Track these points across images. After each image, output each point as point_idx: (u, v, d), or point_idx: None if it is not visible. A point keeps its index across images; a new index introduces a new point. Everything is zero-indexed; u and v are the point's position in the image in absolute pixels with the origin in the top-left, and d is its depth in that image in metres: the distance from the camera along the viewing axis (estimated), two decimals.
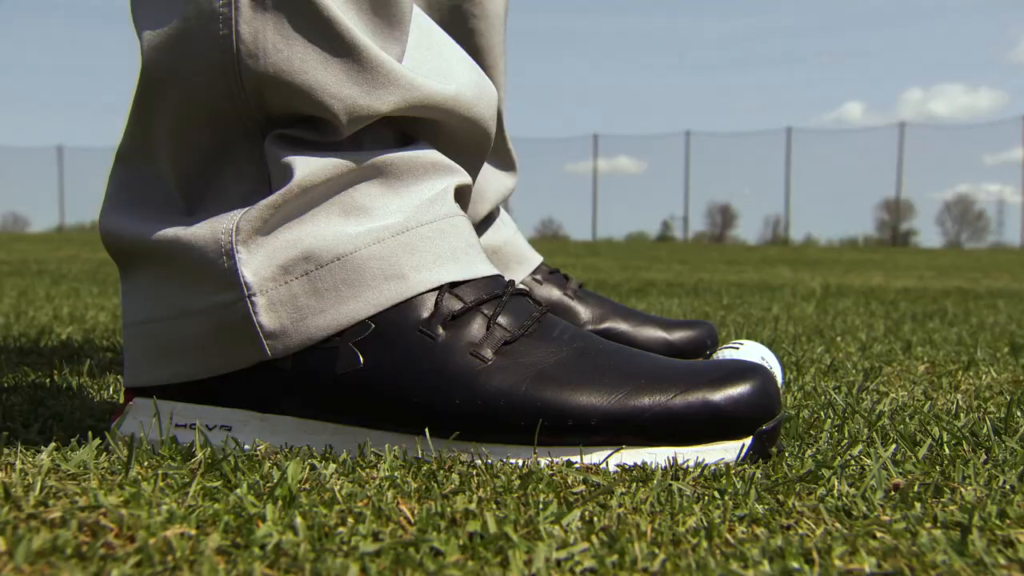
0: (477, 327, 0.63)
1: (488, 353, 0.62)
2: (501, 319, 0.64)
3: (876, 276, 4.75)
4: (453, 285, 0.64)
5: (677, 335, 1.16)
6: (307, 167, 0.61)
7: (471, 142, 0.72)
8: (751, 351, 0.94)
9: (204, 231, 0.62)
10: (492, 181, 1.20)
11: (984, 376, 1.10)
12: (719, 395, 0.60)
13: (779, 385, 0.61)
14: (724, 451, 0.60)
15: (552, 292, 1.18)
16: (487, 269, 0.67)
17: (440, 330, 0.62)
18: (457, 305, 0.63)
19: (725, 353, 0.95)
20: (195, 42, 0.61)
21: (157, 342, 0.65)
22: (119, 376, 1.01)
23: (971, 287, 3.69)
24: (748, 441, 0.61)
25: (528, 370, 0.61)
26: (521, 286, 1.11)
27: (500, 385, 0.61)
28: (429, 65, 0.67)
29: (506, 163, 1.23)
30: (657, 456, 0.60)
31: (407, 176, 0.65)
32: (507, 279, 0.68)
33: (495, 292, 0.65)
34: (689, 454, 0.60)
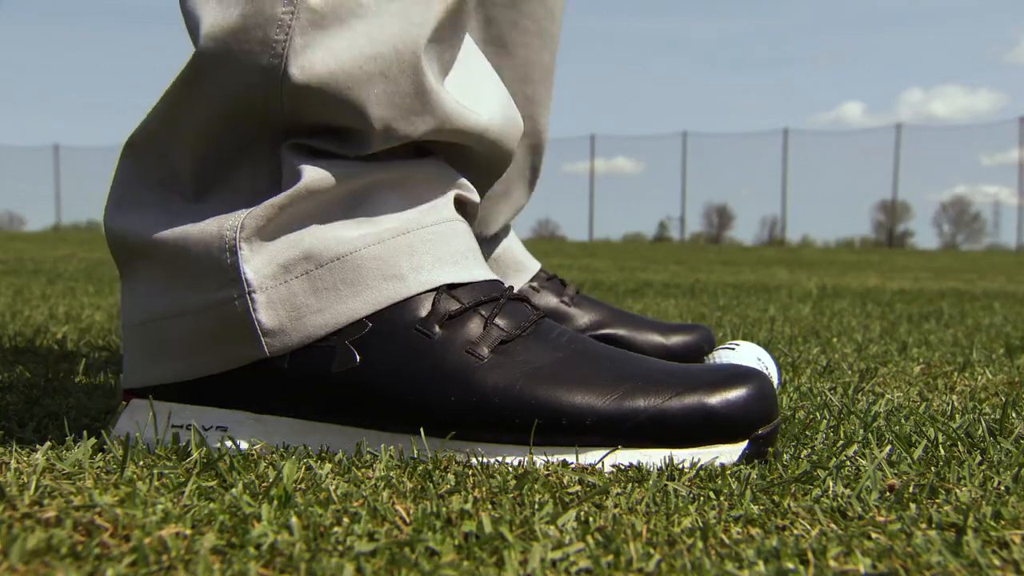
0: (474, 326, 0.63)
1: (484, 351, 0.62)
2: (498, 320, 0.64)
3: (872, 277, 4.75)
4: (451, 287, 0.64)
5: (674, 340, 1.16)
6: (315, 172, 0.62)
7: (488, 165, 0.73)
8: (747, 352, 0.94)
9: (211, 227, 0.62)
10: (513, 202, 1.20)
11: (980, 377, 1.11)
12: (715, 398, 0.60)
13: (775, 387, 0.61)
14: (719, 454, 0.60)
15: (549, 300, 1.18)
16: (485, 274, 0.67)
17: (437, 328, 0.62)
18: (454, 306, 0.63)
19: (721, 354, 0.95)
20: (251, 41, 0.61)
21: (156, 341, 0.65)
22: (115, 375, 1.01)
23: (967, 288, 3.70)
24: (744, 445, 0.61)
25: (524, 368, 0.61)
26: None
27: (495, 382, 0.61)
28: (467, 93, 0.68)
29: (531, 188, 1.24)
30: (652, 457, 0.60)
31: (412, 183, 0.66)
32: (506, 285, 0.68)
33: (492, 295, 0.65)
34: (684, 456, 0.60)
